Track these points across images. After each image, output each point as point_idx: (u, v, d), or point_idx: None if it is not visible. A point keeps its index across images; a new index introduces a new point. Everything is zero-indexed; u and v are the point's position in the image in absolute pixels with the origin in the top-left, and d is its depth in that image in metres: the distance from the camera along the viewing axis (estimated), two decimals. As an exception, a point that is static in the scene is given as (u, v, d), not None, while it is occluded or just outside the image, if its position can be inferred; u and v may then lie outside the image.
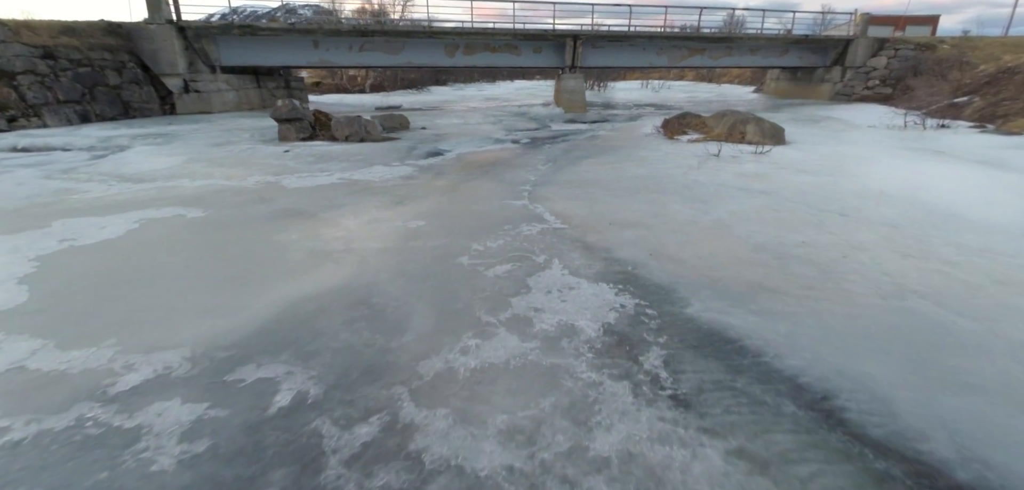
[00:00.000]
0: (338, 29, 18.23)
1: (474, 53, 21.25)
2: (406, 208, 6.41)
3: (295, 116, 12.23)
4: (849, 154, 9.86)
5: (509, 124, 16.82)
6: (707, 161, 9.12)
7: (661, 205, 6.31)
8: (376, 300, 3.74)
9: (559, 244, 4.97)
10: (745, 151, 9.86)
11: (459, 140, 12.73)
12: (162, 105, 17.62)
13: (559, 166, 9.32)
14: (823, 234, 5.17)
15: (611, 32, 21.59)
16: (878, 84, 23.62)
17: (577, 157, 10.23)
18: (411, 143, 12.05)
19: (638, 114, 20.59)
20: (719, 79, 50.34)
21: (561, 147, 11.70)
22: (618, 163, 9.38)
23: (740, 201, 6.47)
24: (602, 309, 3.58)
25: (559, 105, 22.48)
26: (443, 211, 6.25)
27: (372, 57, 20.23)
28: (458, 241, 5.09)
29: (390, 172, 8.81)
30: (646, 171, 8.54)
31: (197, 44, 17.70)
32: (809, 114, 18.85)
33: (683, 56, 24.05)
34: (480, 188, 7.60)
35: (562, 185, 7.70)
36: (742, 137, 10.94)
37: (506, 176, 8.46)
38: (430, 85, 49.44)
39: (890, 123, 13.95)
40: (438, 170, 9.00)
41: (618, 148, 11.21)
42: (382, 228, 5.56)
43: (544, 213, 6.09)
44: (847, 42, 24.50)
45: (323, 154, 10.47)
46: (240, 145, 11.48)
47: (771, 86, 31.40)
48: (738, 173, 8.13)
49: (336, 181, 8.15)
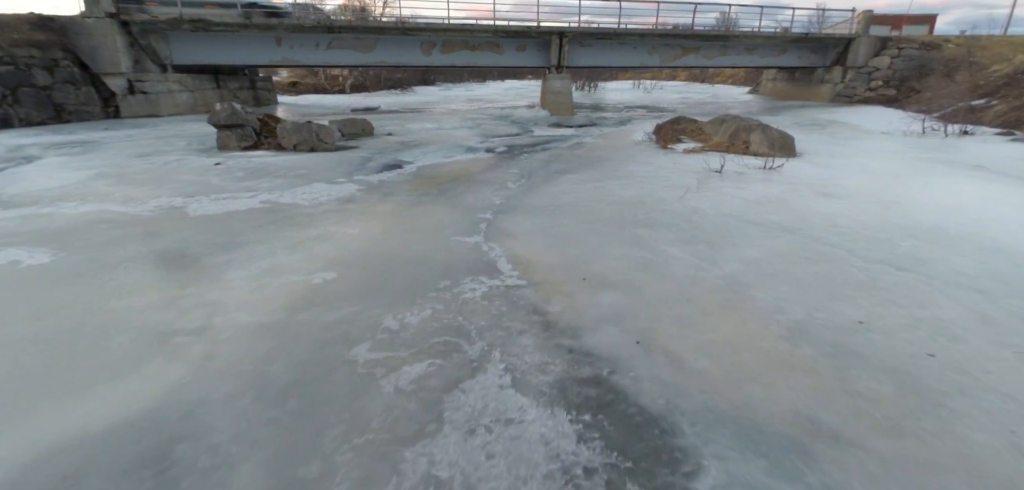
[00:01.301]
0: (301, 25, 16.64)
1: (452, 51, 19.75)
2: (325, 249, 4.93)
3: (236, 121, 10.69)
4: (874, 169, 8.44)
5: (488, 129, 15.35)
6: (708, 180, 7.68)
7: (653, 247, 4.85)
8: (182, 452, 2.27)
9: (508, 318, 3.52)
10: (751, 166, 8.45)
11: (426, 149, 11.24)
12: (105, 108, 15.95)
13: (533, 184, 7.86)
14: (885, 305, 3.68)
15: (599, 30, 20.18)
16: (881, 85, 22.40)
17: (556, 171, 8.78)
18: (369, 153, 10.54)
19: (628, 117, 19.19)
20: (713, 79, 49.09)
21: (540, 158, 10.25)
22: (602, 180, 7.94)
23: (757, 242, 5.01)
24: (553, 487, 2.12)
25: (545, 107, 21.04)
26: (369, 255, 4.78)
27: (341, 55, 18.67)
28: (369, 311, 3.62)
29: (329, 192, 7.31)
30: (635, 192, 7.10)
31: (144, 40, 16.04)
32: (812, 118, 17.53)
33: (676, 56, 22.70)
34: (429, 217, 6.13)
35: (531, 212, 6.24)
36: (746, 147, 9.54)
37: (466, 198, 6.99)
38: (416, 85, 47.75)
39: (906, 129, 12.63)
40: (388, 190, 7.52)
41: (604, 160, 9.78)
42: (274, 286, 4.08)
43: (499, 259, 4.64)
44: (848, 41, 23.26)
45: (260, 167, 8.95)
46: (169, 155, 9.93)
47: (767, 87, 30.15)
48: (748, 198, 6.67)
49: (257, 205, 6.65)
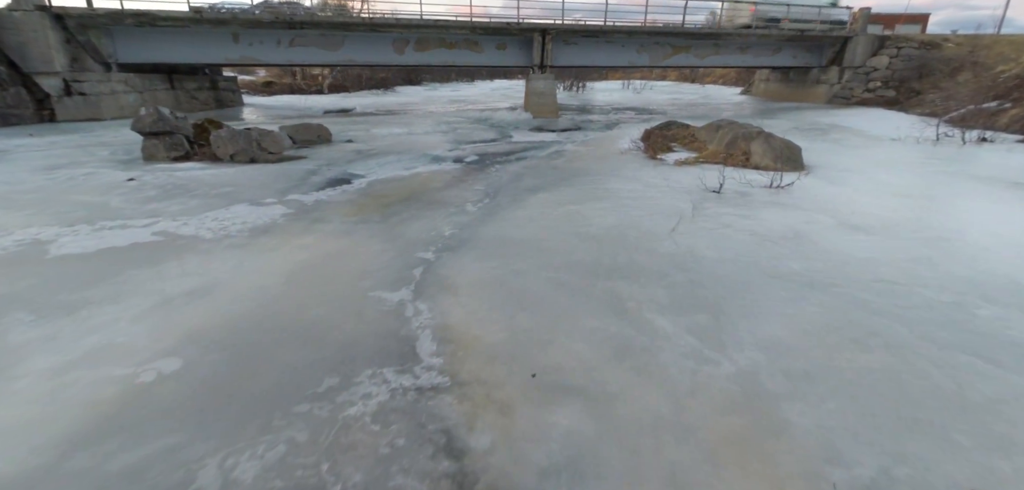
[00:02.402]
0: (258, 20, 15.19)
1: (428, 50, 18.40)
2: (193, 313, 3.61)
3: (164, 128, 9.29)
4: (900, 188, 7.15)
5: (462, 134, 14.04)
6: (705, 203, 6.40)
7: (635, 318, 3.54)
8: None
9: (402, 466, 2.23)
10: (755, 184, 7.20)
11: (385, 159, 9.91)
12: (39, 110, 14.41)
13: (496, 206, 6.56)
14: (997, 447, 2.34)
15: (585, 27, 18.94)
16: (880, 86, 21.41)
17: (527, 189, 7.49)
18: (317, 165, 9.19)
19: (616, 120, 17.96)
20: (703, 79, 48.10)
21: (512, 170, 8.96)
22: (579, 202, 6.66)
23: (778, 309, 3.67)
24: None
25: (528, 110, 19.76)
26: (248, 325, 3.46)
27: (306, 54, 17.24)
28: (189, 449, 2.31)
29: (246, 219, 5.97)
30: (616, 220, 5.82)
31: (82, 36, 14.51)
32: (811, 121, 16.42)
33: (666, 55, 21.53)
34: (355, 257, 4.82)
35: (485, 251, 4.95)
36: (746, 159, 8.32)
37: (411, 228, 5.69)
38: (400, 85, 46.20)
39: (918, 135, 11.51)
40: (320, 215, 6.19)
41: (584, 173, 8.51)
42: (76, 388, 2.75)
43: (423, 333, 3.34)
44: (845, 40, 22.24)
45: (180, 184, 7.58)
46: (81, 169, 8.51)
47: (760, 88, 29.13)
48: (757, 231, 5.39)
49: (147, 239, 5.30)
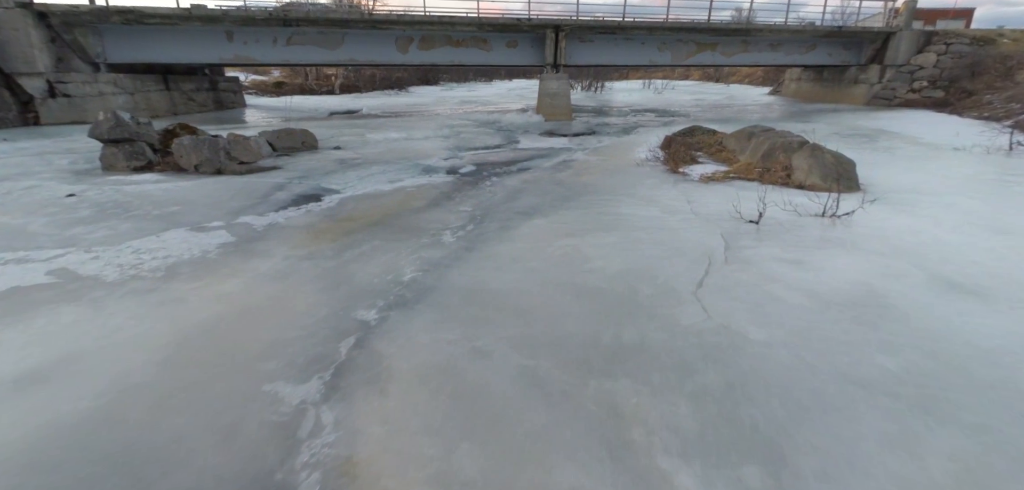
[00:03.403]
0: (251, 18, 14.29)
1: (433, 48, 17.31)
2: (3, 415, 2.51)
3: (123, 135, 8.34)
4: (996, 220, 5.58)
5: (464, 139, 12.89)
6: (740, 238, 5.04)
7: (644, 454, 2.26)
8: None
9: None
10: (803, 210, 5.79)
11: (369, 170, 8.80)
12: (24, 113, 13.75)
13: (479, 237, 5.35)
14: None
15: (601, 23, 17.60)
16: (927, 86, 19.55)
17: (520, 212, 6.26)
18: (289, 177, 8.13)
19: (634, 124, 16.59)
20: (727, 79, 46.02)
21: (509, 186, 7.75)
22: (581, 232, 5.39)
23: (877, 456, 2.28)
24: None
25: (540, 112, 18.52)
26: (55, 454, 2.32)
27: (303, 53, 16.30)
28: None
29: (175, 250, 4.91)
30: (625, 263, 4.52)
31: (67, 35, 13.81)
32: (851, 125, 14.81)
33: (690, 53, 20.04)
34: (277, 315, 3.66)
35: (446, 310, 3.73)
36: (787, 175, 6.94)
37: (365, 269, 4.52)
38: (416, 85, 45.27)
39: (987, 143, 9.91)
40: (264, 247, 5.07)
41: (592, 191, 7.24)
42: None
43: (309, 478, 2.17)
44: (887, 36, 20.41)
45: (125, 200, 6.58)
46: (25, 181, 7.60)
47: (791, 88, 27.31)
48: (817, 291, 3.95)
49: (37, 280, 4.26)
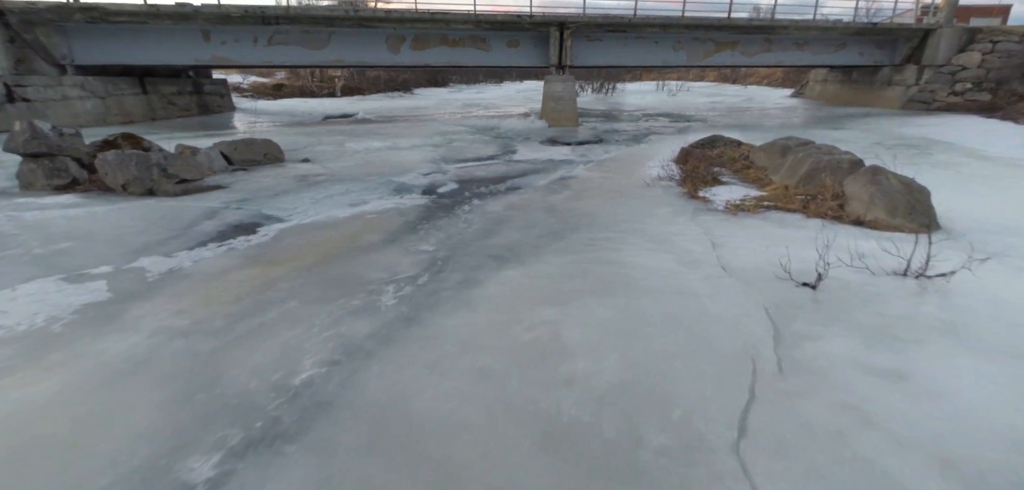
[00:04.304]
0: (227, 15, 13.11)
1: (426, 48, 16.00)
2: None
3: (41, 149, 7.13)
4: None
5: (456, 149, 11.55)
6: (794, 315, 3.42)
7: None
8: None
9: None
10: (875, 261, 4.12)
11: (332, 189, 7.49)
12: (-18, 119, 12.75)
13: (428, 298, 3.92)
14: None
15: (610, 19, 16.14)
16: (971, 88, 17.75)
17: (494, 256, 4.84)
18: (227, 200, 6.83)
19: (646, 130, 15.10)
20: (745, 80, 44.00)
21: (490, 212, 6.36)
22: (565, 299, 3.89)
23: None
24: None
25: (543, 117, 17.13)
26: None
27: (287, 54, 15.10)
28: None
29: (21, 312, 3.62)
30: (622, 372, 2.95)
31: (28, 34, 12.76)
32: (890, 132, 13.16)
33: (708, 52, 18.48)
34: (74, 455, 2.28)
35: (341, 443, 2.28)
36: (839, 206, 5.44)
37: (259, 350, 3.14)
38: (424, 87, 44.05)
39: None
40: (137, 315, 3.73)
41: (588, 224, 5.80)
42: None
43: None
44: (926, 33, 18.65)
45: (13, 233, 5.32)
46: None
47: (816, 90, 25.52)
48: (949, 448, 2.29)
49: None
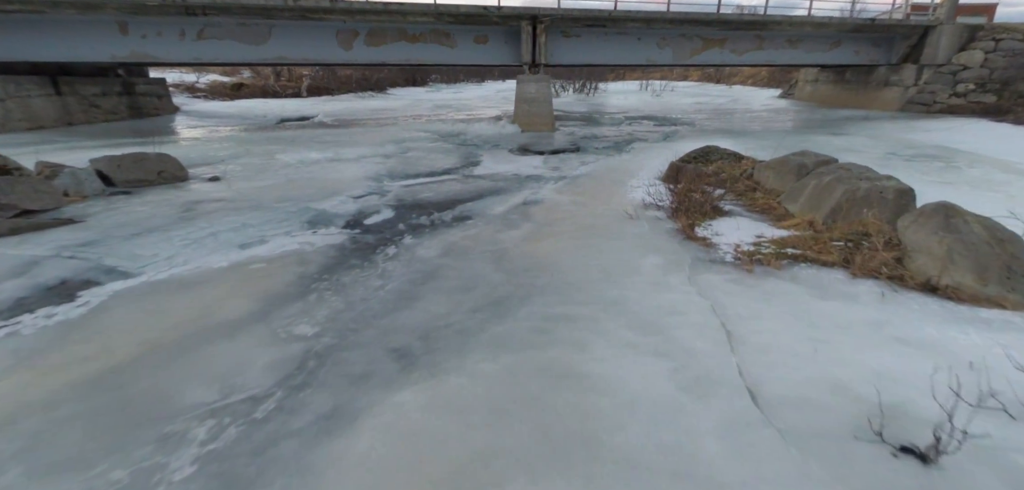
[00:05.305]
0: (143, 5, 11.21)
1: (383, 43, 14.25)
2: None
3: None
4: None
5: (408, 161, 9.85)
6: None
7: None
8: None
9: None
10: (996, 370, 2.76)
11: (222, 225, 5.75)
12: None
13: (252, 460, 2.20)
14: None
15: (588, 13, 14.58)
16: (974, 89, 16.63)
17: (391, 356, 3.11)
18: (64, 244, 5.03)
19: (629, 136, 13.57)
20: (730, 79, 42.71)
21: (420, 261, 4.69)
22: (490, 464, 2.30)
23: None
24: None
25: (516, 120, 15.50)
26: None
27: (220, 49, 13.22)
28: None
29: None
30: None
31: (-102, 26, 10.73)
32: (901, 139, 11.83)
33: (695, 50, 17.04)
34: None
35: None
36: (896, 261, 3.91)
37: None
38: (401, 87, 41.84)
39: None
40: None
41: (546, 287, 4.13)
42: None
43: None
44: (925, 31, 17.50)
45: None
46: None
47: (806, 90, 24.33)
48: None
49: None
